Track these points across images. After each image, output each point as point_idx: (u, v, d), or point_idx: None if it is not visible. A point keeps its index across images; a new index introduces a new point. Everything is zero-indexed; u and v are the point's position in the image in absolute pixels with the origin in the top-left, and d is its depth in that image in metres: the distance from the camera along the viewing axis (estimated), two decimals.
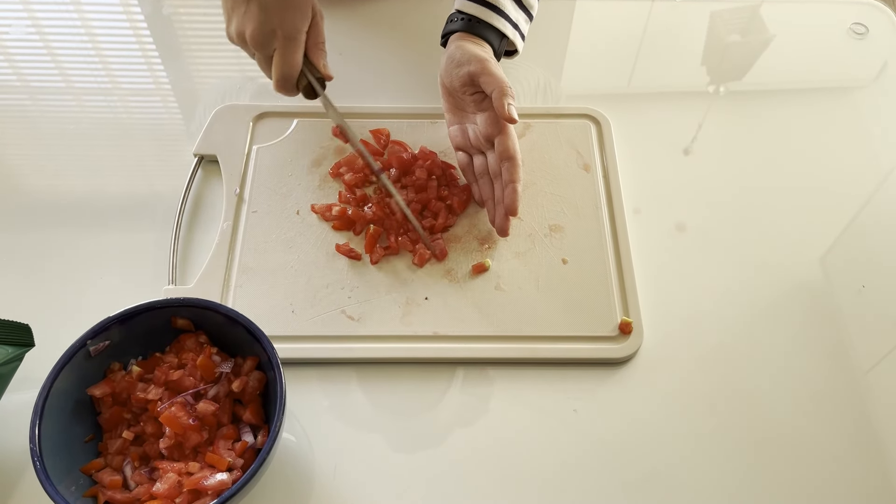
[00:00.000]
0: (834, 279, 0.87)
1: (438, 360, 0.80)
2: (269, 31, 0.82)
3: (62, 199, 0.93)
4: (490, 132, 0.87)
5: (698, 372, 0.80)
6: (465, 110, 0.92)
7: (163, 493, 0.64)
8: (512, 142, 0.85)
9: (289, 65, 0.84)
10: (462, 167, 0.92)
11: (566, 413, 0.77)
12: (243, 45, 0.86)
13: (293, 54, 0.84)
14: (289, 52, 0.84)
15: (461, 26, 0.90)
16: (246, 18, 0.83)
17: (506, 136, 0.85)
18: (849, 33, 1.14)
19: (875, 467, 0.74)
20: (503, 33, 0.91)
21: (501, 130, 0.86)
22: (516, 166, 0.84)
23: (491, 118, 0.87)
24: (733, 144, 0.99)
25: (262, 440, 0.69)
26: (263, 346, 0.69)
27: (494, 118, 0.86)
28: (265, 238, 0.87)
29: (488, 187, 0.89)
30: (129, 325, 0.71)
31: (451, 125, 0.93)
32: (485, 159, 0.90)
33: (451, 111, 0.93)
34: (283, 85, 0.86)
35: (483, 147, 0.90)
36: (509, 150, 0.85)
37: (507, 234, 0.86)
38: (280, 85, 0.86)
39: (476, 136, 0.90)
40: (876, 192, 0.95)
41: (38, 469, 0.62)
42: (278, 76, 0.85)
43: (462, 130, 0.92)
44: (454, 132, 0.92)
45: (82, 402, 0.69)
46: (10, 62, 1.09)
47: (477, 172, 0.90)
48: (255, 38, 0.83)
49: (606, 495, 0.72)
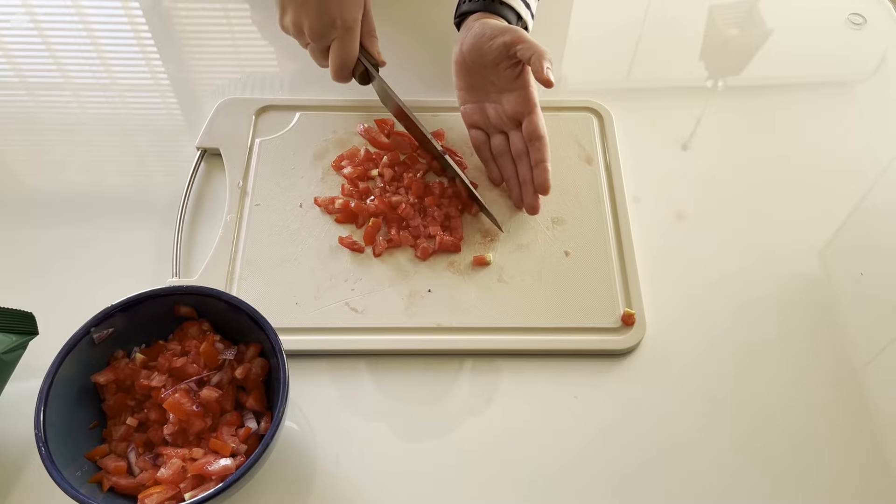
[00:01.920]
0: (833, 270, 0.87)
1: (441, 352, 0.80)
2: (328, 22, 0.83)
3: (65, 193, 0.93)
4: (519, 111, 0.88)
5: (700, 362, 0.80)
6: (485, 89, 0.92)
7: (167, 478, 0.64)
8: (541, 122, 0.87)
9: (348, 54, 0.86)
10: (477, 145, 0.93)
11: (569, 403, 0.77)
12: (299, 36, 0.87)
13: (352, 44, 0.86)
14: (347, 41, 0.85)
15: (480, 6, 0.91)
16: (303, 11, 0.83)
17: (535, 115, 0.87)
18: (846, 24, 1.14)
19: (874, 457, 0.74)
20: (518, 13, 0.92)
21: (531, 110, 0.87)
22: (546, 146, 0.86)
23: (520, 97, 0.88)
24: (732, 138, 1.00)
25: (266, 426, 0.69)
26: (266, 333, 0.69)
27: (524, 97, 0.88)
28: (268, 231, 0.87)
29: (510, 166, 0.90)
30: (133, 312, 0.71)
31: (466, 104, 0.93)
32: (504, 139, 0.91)
33: (467, 90, 0.93)
34: (342, 73, 0.88)
35: (506, 127, 0.91)
36: (538, 130, 0.86)
37: (537, 211, 0.87)
38: (338, 74, 0.88)
39: (498, 115, 0.91)
40: (875, 184, 0.95)
41: (44, 455, 0.62)
42: (338, 65, 0.87)
43: (479, 109, 0.92)
44: (469, 110, 0.93)
45: (86, 390, 0.69)
46: (8, 58, 1.09)
47: (495, 152, 0.91)
48: (314, 31, 0.84)
49: (609, 484, 0.72)
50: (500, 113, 0.91)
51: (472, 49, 0.89)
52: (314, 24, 0.83)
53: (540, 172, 0.86)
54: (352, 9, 0.84)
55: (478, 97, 0.93)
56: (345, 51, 0.86)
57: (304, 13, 0.83)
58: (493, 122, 0.92)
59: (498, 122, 0.91)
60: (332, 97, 0.99)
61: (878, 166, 0.97)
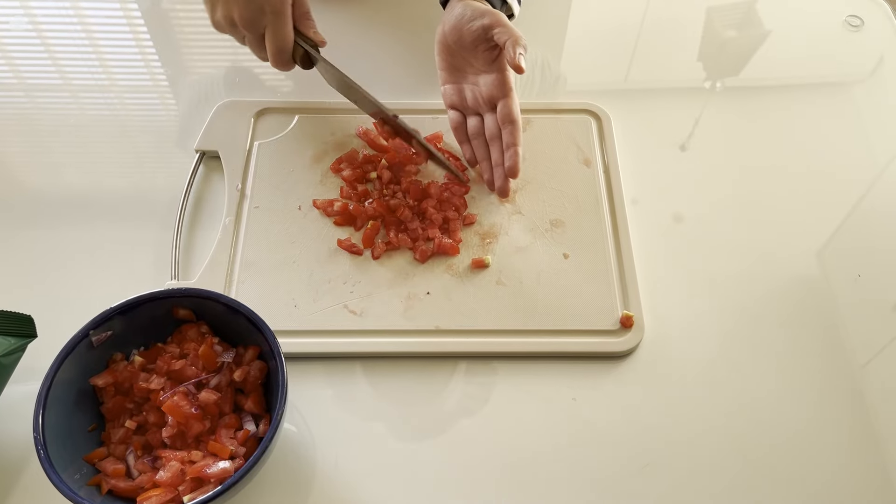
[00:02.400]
0: (831, 271, 0.87)
1: (440, 354, 0.80)
2: (256, 8, 0.84)
3: (63, 195, 0.93)
4: (494, 94, 0.89)
5: (699, 364, 0.80)
6: (464, 71, 0.93)
7: (166, 480, 0.64)
8: (515, 106, 0.87)
9: (282, 38, 0.86)
10: (454, 126, 0.93)
11: (567, 405, 0.77)
12: (232, 29, 0.87)
13: (285, 27, 0.86)
14: (279, 25, 0.85)
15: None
16: (232, 2, 0.84)
17: (509, 99, 0.87)
18: (844, 26, 1.14)
19: (874, 458, 0.75)
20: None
21: (506, 94, 0.87)
22: (518, 129, 0.86)
23: (497, 80, 0.88)
24: (731, 139, 1.00)
25: (264, 429, 0.69)
26: (265, 336, 0.69)
27: (500, 80, 0.88)
28: (267, 233, 0.87)
29: (483, 149, 0.91)
30: (131, 315, 0.71)
31: (446, 83, 0.94)
32: (480, 121, 0.91)
33: (448, 70, 0.94)
34: (280, 59, 0.88)
35: (482, 109, 0.91)
36: (512, 114, 0.86)
37: (507, 195, 0.88)
38: (277, 59, 0.88)
39: (475, 97, 0.91)
40: (872, 185, 0.95)
41: (42, 458, 0.62)
42: (274, 50, 0.87)
43: (458, 90, 0.93)
44: (449, 91, 0.93)
45: (85, 392, 0.69)
46: (7, 59, 1.09)
47: (470, 133, 0.92)
48: (245, 18, 0.84)
49: (607, 486, 0.72)
50: (477, 95, 0.91)
51: (453, 30, 0.90)
52: (243, 12, 0.84)
53: (510, 156, 0.86)
54: None
55: (457, 78, 0.93)
56: (279, 35, 0.86)
57: (233, 3, 0.84)
58: (470, 104, 0.92)
59: (475, 104, 0.92)
60: (330, 100, 0.99)
61: (875, 167, 0.97)
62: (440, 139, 0.96)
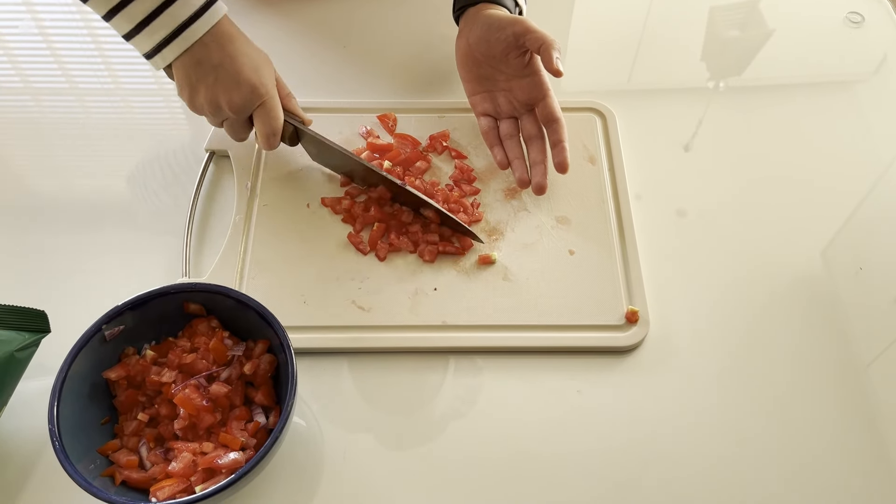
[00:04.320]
0: (835, 268, 0.87)
1: (447, 350, 0.81)
2: (248, 91, 0.82)
3: (74, 197, 0.94)
4: (532, 97, 0.90)
5: (704, 359, 0.81)
6: (494, 79, 0.93)
7: (178, 471, 0.65)
8: (556, 104, 0.88)
9: (275, 119, 0.85)
10: (485, 131, 0.93)
11: (573, 399, 0.78)
12: (215, 112, 0.84)
13: (277, 108, 0.85)
14: (272, 106, 0.85)
15: None
16: (218, 87, 0.82)
17: (549, 99, 0.88)
18: (845, 22, 1.15)
19: (879, 452, 0.75)
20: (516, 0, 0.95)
21: (544, 95, 0.89)
22: (563, 127, 0.87)
23: (532, 83, 0.89)
24: (734, 138, 1.00)
25: (274, 421, 0.70)
26: (274, 329, 0.70)
27: (536, 83, 0.89)
28: (276, 231, 0.88)
29: (516, 149, 0.91)
30: (143, 310, 0.72)
31: (475, 94, 0.95)
32: (514, 123, 0.93)
33: (475, 80, 0.94)
34: (274, 140, 0.86)
35: (517, 113, 0.92)
36: (554, 113, 0.88)
37: (545, 190, 0.88)
38: (271, 140, 0.86)
39: (509, 102, 0.92)
40: (877, 183, 0.96)
41: (58, 449, 0.63)
42: (268, 132, 0.85)
43: (489, 97, 0.94)
44: (479, 100, 0.94)
45: (98, 386, 0.71)
46: (14, 64, 1.10)
47: (504, 135, 0.93)
48: (236, 104, 0.82)
49: (612, 482, 0.73)
50: (511, 100, 0.92)
51: (481, 41, 0.90)
52: (233, 97, 0.82)
53: (559, 151, 0.87)
54: (268, 74, 0.84)
55: (487, 87, 0.94)
56: (271, 115, 0.85)
57: (221, 89, 0.82)
58: (504, 109, 0.93)
59: (509, 109, 0.93)
60: (337, 99, 1.00)
61: (879, 165, 0.97)
62: (447, 137, 0.97)
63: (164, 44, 0.79)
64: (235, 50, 0.81)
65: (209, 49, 0.80)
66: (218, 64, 0.80)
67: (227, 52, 0.81)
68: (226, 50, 0.81)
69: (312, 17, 1.12)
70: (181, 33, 0.78)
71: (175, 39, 0.79)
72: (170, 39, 0.79)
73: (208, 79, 0.81)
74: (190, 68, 0.81)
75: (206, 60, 0.80)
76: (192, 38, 0.79)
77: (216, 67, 0.81)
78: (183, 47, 0.79)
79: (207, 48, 0.80)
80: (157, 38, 0.79)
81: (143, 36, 0.79)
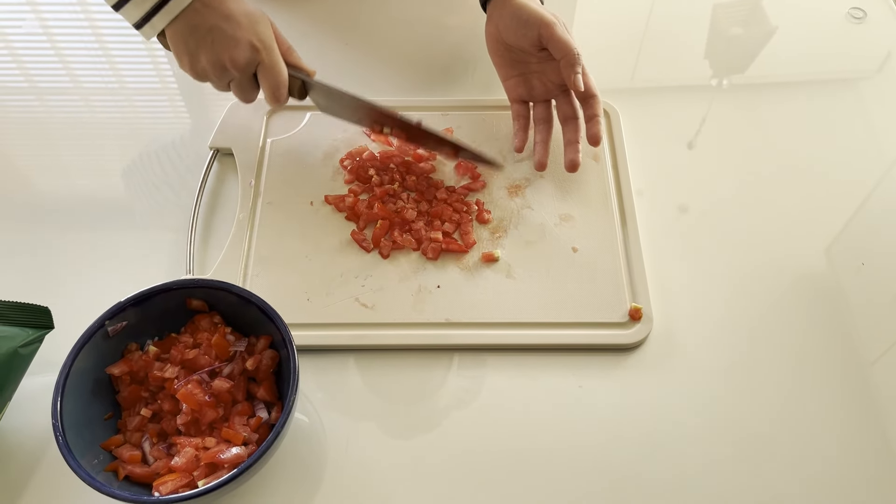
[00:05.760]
0: (839, 265, 0.87)
1: (449, 347, 0.81)
2: (247, 47, 0.81)
3: (79, 195, 0.95)
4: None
5: (707, 356, 0.81)
6: (527, 62, 0.94)
7: (181, 466, 0.65)
8: (592, 81, 0.90)
9: (278, 71, 0.85)
10: (516, 116, 0.95)
11: (576, 396, 0.78)
12: (220, 74, 0.84)
13: (279, 61, 0.85)
14: (274, 60, 0.84)
15: None
16: (218, 47, 0.81)
17: (584, 76, 0.89)
18: (847, 18, 1.15)
19: (882, 448, 0.75)
20: None
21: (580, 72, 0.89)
22: (599, 102, 0.90)
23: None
24: (738, 136, 1.00)
25: (276, 416, 0.70)
26: (276, 325, 0.70)
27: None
28: (280, 228, 0.89)
29: (544, 132, 0.93)
30: (145, 306, 0.72)
31: (509, 78, 0.95)
32: (547, 106, 0.94)
33: (507, 65, 0.95)
34: (279, 93, 0.86)
35: (552, 94, 0.94)
36: (591, 89, 0.89)
37: (578, 167, 0.90)
38: (275, 95, 0.86)
39: (543, 84, 0.94)
40: (880, 181, 0.95)
41: (61, 444, 0.63)
42: (272, 85, 0.85)
43: (524, 81, 0.95)
44: (513, 84, 0.95)
45: (101, 381, 0.71)
46: (18, 63, 1.11)
47: (537, 118, 0.94)
48: (236, 60, 0.82)
49: (614, 478, 0.73)
50: (546, 81, 0.93)
51: (509, 31, 0.91)
52: (234, 54, 0.81)
53: (593, 125, 0.89)
54: (264, 28, 0.84)
55: (520, 69, 0.94)
56: (275, 70, 0.84)
57: (220, 48, 0.81)
58: (538, 92, 0.94)
59: (543, 91, 0.94)
60: None
61: (883, 161, 0.97)
62: (450, 134, 0.97)
63: (153, 12, 0.79)
64: (228, 10, 0.81)
65: (201, 13, 0.80)
66: (213, 26, 0.80)
67: (221, 13, 0.81)
68: (219, 11, 0.81)
69: (314, 14, 1.13)
70: (169, 1, 0.79)
71: (164, 7, 0.79)
72: (158, 7, 0.79)
73: (206, 41, 0.81)
74: (187, 35, 0.81)
75: (202, 24, 0.80)
76: (182, 5, 0.79)
77: (212, 29, 0.81)
78: (173, 14, 0.79)
79: (199, 13, 0.80)
80: (146, 7, 0.79)
81: (132, 6, 0.79)
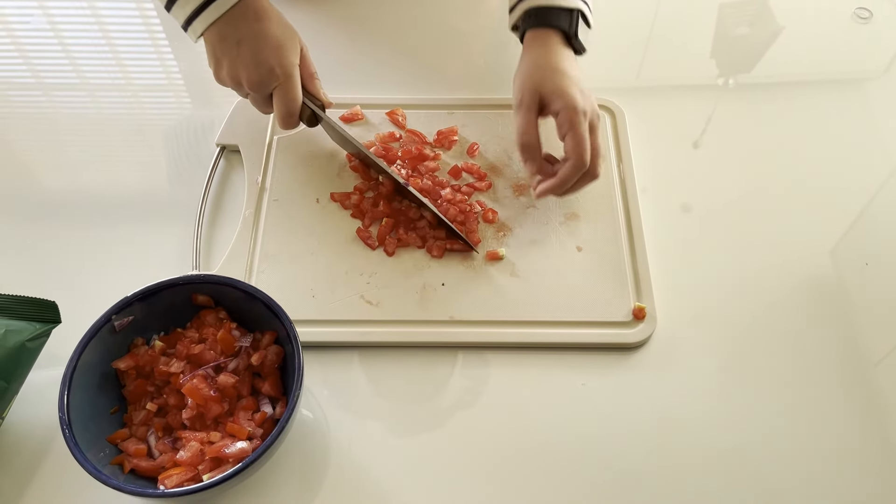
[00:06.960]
0: (844, 265, 0.87)
1: (453, 344, 0.81)
2: (266, 71, 0.83)
3: (85, 191, 0.95)
4: None
5: (710, 356, 0.81)
6: None
7: (186, 460, 0.66)
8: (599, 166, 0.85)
9: (293, 100, 0.86)
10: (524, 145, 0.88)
11: (579, 394, 0.78)
12: (237, 87, 0.86)
13: (294, 90, 0.86)
14: (289, 88, 0.85)
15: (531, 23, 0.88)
16: (239, 63, 0.83)
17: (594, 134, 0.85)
18: (853, 18, 1.15)
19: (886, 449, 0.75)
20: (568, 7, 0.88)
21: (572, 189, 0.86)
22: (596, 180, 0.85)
23: None
24: (744, 135, 1.00)
25: (281, 411, 0.71)
26: (281, 320, 0.71)
27: None
28: (286, 226, 0.89)
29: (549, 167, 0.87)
30: (152, 301, 0.73)
31: None
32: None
33: None
34: (289, 121, 0.87)
35: None
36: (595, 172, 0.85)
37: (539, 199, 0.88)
38: (286, 121, 0.87)
39: None
40: (886, 181, 0.95)
41: (68, 437, 0.64)
42: (283, 113, 0.86)
43: None
44: None
45: (107, 376, 0.71)
46: (25, 59, 1.11)
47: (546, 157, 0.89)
48: (253, 81, 0.84)
49: (616, 477, 0.73)
50: None
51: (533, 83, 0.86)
52: (252, 75, 0.83)
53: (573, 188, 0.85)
54: (289, 55, 0.84)
55: None
56: (289, 97, 0.85)
57: (241, 65, 0.83)
58: None
59: None
60: (348, 95, 1.01)
61: (889, 162, 0.97)
62: (455, 132, 0.97)
63: (194, 16, 0.82)
64: (260, 28, 0.82)
65: (234, 25, 0.82)
66: (240, 40, 0.82)
67: (252, 30, 0.82)
68: (251, 27, 0.82)
69: (321, 13, 1.13)
70: (208, 6, 0.81)
71: (203, 12, 0.81)
72: (199, 11, 0.81)
73: (230, 54, 0.83)
74: (216, 42, 0.83)
75: (231, 36, 0.82)
76: (218, 12, 0.81)
77: (238, 43, 0.82)
78: (209, 20, 0.82)
79: (233, 24, 0.82)
80: (188, 10, 0.82)
81: (177, 7, 0.83)
